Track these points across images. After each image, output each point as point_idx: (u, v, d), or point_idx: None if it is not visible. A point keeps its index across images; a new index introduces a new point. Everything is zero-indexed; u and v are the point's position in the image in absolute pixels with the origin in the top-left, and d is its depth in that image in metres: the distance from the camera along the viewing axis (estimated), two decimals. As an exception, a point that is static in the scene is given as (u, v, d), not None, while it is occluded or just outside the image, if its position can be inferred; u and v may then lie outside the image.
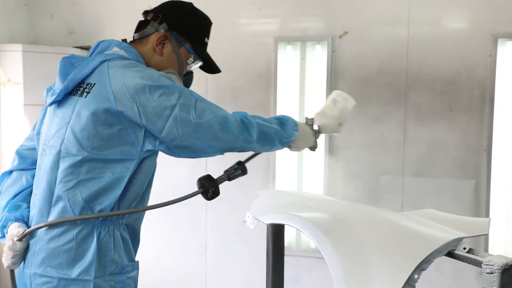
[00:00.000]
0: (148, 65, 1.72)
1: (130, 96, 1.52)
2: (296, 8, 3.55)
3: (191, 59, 1.80)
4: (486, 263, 1.33)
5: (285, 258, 2.13)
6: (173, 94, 1.54)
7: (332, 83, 3.43)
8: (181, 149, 1.58)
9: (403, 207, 3.38)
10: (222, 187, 1.68)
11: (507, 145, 3.24)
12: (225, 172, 1.73)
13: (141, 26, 1.78)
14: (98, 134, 1.55)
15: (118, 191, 1.58)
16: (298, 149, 1.85)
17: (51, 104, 1.67)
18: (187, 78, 1.87)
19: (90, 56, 1.69)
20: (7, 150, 3.55)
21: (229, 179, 1.73)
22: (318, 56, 3.49)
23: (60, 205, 1.58)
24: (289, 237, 3.54)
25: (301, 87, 3.53)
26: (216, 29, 3.64)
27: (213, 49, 3.97)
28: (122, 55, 1.66)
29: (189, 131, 1.54)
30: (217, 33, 3.67)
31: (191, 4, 1.83)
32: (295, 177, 3.59)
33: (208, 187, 1.65)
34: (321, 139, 2.09)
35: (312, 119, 1.92)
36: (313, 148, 1.94)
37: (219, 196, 1.68)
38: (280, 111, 3.55)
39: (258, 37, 3.61)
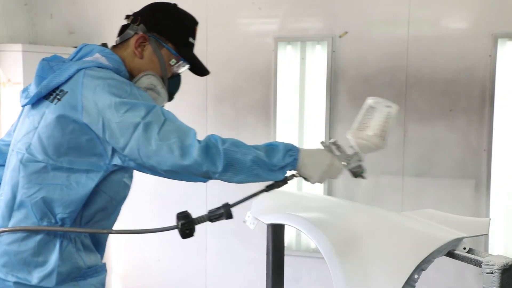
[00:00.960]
0: (129, 69, 1.68)
1: (97, 110, 1.49)
2: (296, 8, 3.54)
3: (174, 60, 1.72)
4: (486, 263, 1.33)
5: (285, 258, 2.13)
6: (139, 112, 1.47)
7: (332, 83, 3.42)
8: (147, 169, 1.52)
9: (403, 207, 3.37)
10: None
11: (507, 145, 3.24)
12: (208, 212, 1.59)
13: (122, 30, 1.73)
14: (65, 143, 1.52)
15: (80, 202, 1.55)
16: (312, 179, 1.63)
17: (24, 105, 1.66)
18: (174, 81, 1.79)
19: (71, 59, 1.66)
20: (7, 150, 3.55)
21: (211, 221, 1.59)
22: (318, 56, 3.49)
23: (22, 210, 1.57)
24: (289, 237, 3.54)
25: (301, 87, 3.53)
26: (216, 29, 3.67)
27: (213, 48, 3.95)
28: (102, 62, 1.61)
29: (150, 153, 1.46)
30: (217, 33, 3.70)
31: (172, 4, 1.77)
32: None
33: (181, 225, 1.54)
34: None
35: (334, 140, 1.71)
36: (355, 172, 1.75)
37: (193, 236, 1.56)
38: (280, 111, 3.55)
39: (258, 37, 3.61)
